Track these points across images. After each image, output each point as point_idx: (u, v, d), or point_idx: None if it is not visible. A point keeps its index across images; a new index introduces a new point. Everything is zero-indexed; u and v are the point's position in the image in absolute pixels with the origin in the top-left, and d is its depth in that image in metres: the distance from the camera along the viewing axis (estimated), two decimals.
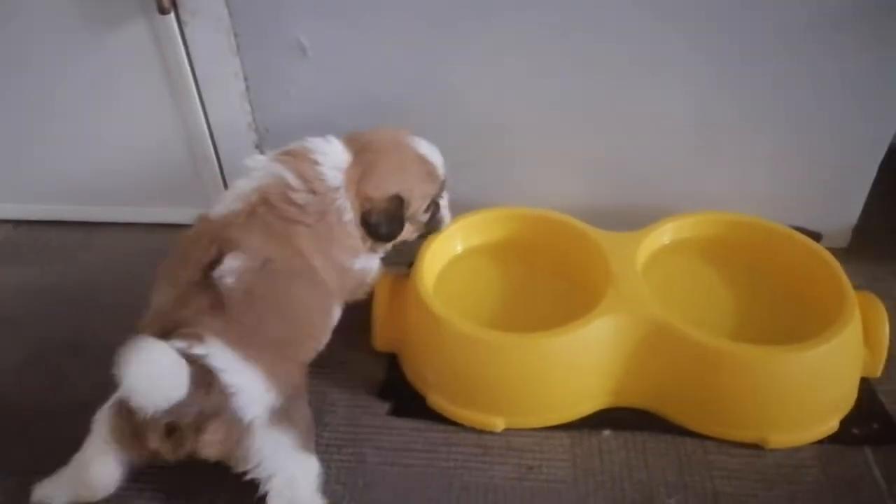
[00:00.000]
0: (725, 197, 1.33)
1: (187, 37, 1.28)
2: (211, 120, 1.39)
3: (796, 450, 1.06)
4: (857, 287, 1.11)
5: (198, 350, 0.89)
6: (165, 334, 0.90)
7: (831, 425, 1.08)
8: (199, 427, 0.88)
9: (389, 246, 1.18)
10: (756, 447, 1.06)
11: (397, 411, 1.14)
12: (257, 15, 1.25)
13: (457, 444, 1.08)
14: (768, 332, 1.09)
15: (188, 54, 1.31)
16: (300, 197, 1.05)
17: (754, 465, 1.04)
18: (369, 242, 1.13)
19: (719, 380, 1.04)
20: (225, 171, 1.47)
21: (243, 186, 1.07)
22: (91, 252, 1.52)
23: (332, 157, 1.09)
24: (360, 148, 1.11)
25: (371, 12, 1.23)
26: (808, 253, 1.19)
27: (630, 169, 1.36)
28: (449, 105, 1.30)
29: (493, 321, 1.15)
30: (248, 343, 0.93)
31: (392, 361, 1.21)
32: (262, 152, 1.40)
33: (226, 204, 1.06)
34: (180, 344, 0.88)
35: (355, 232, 1.10)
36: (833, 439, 1.07)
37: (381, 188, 1.09)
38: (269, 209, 1.04)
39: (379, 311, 1.19)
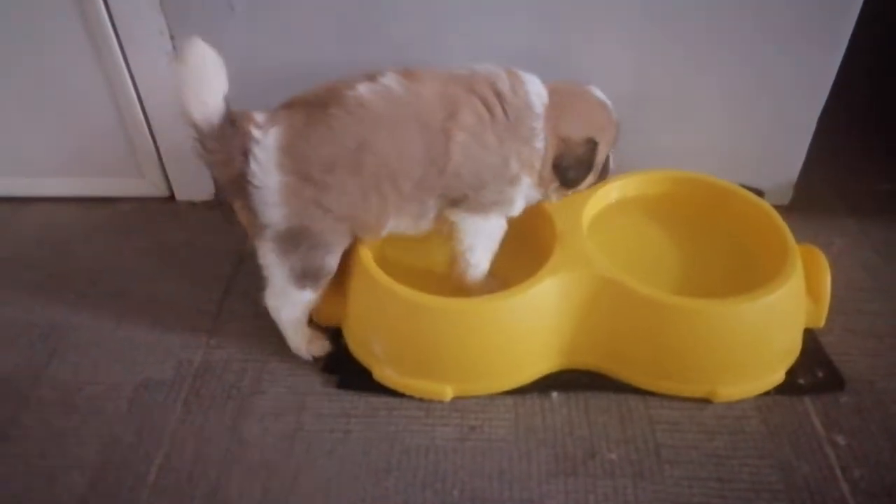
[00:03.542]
0: (667, 154, 1.32)
1: None
2: (138, 83, 1.33)
3: (737, 401, 1.06)
4: (799, 241, 1.11)
5: (254, 130, 0.95)
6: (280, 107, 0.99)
7: (778, 376, 1.08)
8: (239, 190, 0.98)
9: (566, 192, 1.13)
10: (704, 401, 1.06)
11: (343, 385, 1.11)
12: None
13: (398, 409, 1.06)
14: (714, 286, 1.08)
15: (109, 13, 1.24)
16: (507, 104, 1.03)
17: (696, 418, 1.04)
18: (552, 184, 1.10)
19: (667, 334, 1.04)
20: (157, 137, 1.40)
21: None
22: (21, 227, 1.46)
23: (537, 87, 1.06)
24: (550, 90, 1.08)
25: None
26: (751, 207, 1.19)
27: None
28: (386, 63, 1.26)
29: (440, 285, 1.11)
30: (305, 159, 0.96)
31: (336, 336, 1.17)
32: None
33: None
34: (257, 118, 0.97)
35: (537, 162, 1.06)
36: (780, 390, 1.08)
37: (578, 129, 1.07)
38: (457, 86, 1.02)
39: None
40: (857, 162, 1.58)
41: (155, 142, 1.41)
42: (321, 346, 1.14)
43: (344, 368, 1.13)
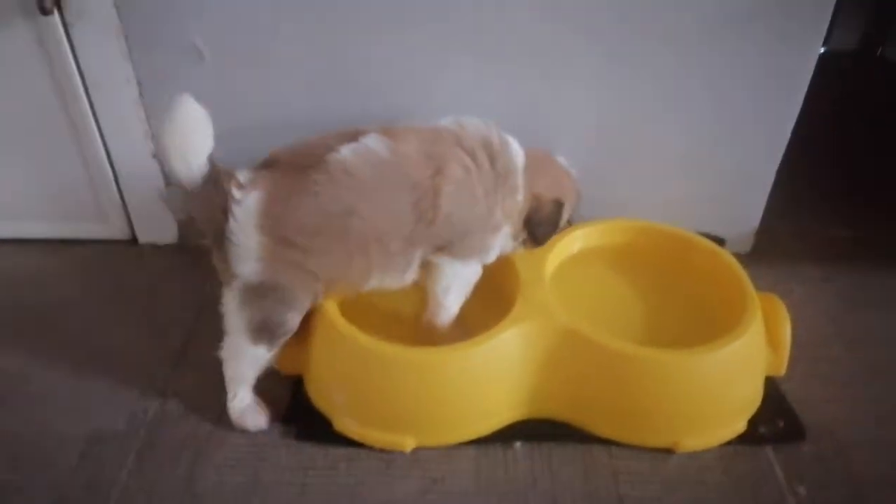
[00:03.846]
0: (629, 204, 1.34)
1: (74, 40, 1.22)
2: (104, 129, 1.32)
3: (700, 452, 1.05)
4: (760, 289, 1.12)
5: (235, 191, 0.94)
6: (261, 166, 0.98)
7: (740, 425, 1.08)
8: (218, 242, 0.96)
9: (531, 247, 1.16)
10: (667, 451, 1.05)
11: (303, 436, 1.08)
12: (148, 15, 1.19)
13: (358, 460, 1.04)
14: (676, 336, 1.09)
15: (76, 59, 1.24)
16: (495, 156, 1.05)
17: (659, 469, 1.03)
18: (520, 237, 1.14)
19: (629, 385, 1.03)
20: (121, 182, 1.39)
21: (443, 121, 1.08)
22: None
23: (516, 146, 1.10)
24: (525, 152, 1.12)
25: (272, 13, 1.19)
26: (711, 257, 1.21)
27: None
28: (355, 112, 1.27)
29: (404, 334, 1.10)
30: (287, 224, 0.95)
31: (297, 385, 1.15)
32: (160, 161, 1.35)
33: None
34: (239, 178, 0.95)
35: (517, 213, 1.10)
36: (741, 440, 1.07)
37: (548, 190, 1.12)
38: (442, 143, 1.03)
39: None
40: (819, 209, 1.62)
41: (118, 185, 1.40)
42: (255, 421, 1.09)
43: (304, 418, 1.10)
